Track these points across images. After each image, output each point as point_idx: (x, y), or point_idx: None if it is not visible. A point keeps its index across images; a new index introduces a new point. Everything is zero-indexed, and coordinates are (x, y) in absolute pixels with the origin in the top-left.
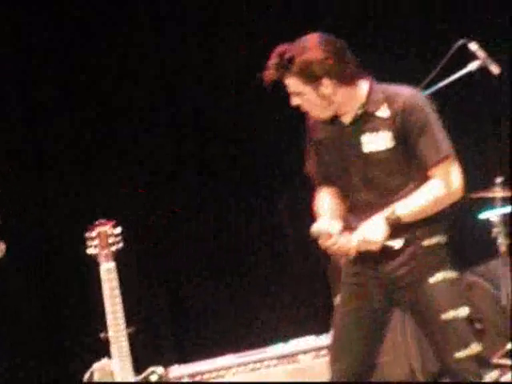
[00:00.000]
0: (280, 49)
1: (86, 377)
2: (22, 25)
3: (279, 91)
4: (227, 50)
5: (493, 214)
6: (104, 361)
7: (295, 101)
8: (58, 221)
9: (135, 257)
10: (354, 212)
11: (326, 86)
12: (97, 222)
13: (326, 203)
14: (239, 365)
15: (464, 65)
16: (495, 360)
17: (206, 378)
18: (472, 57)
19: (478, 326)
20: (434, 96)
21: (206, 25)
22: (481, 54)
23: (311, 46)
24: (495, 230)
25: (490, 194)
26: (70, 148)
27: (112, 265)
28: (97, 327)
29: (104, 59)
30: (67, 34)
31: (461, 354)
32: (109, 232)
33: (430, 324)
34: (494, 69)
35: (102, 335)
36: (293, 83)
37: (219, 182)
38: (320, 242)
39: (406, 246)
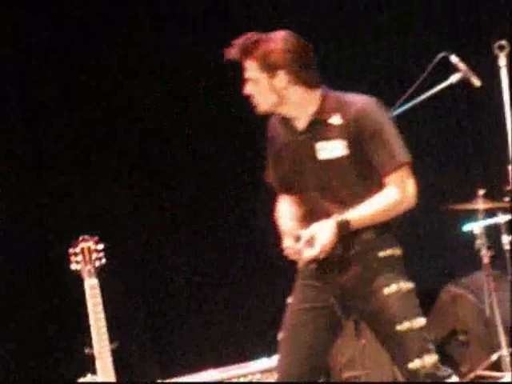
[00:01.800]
0: (250, 33)
1: None
2: (21, 25)
3: None
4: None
5: (476, 226)
6: (89, 376)
7: (248, 88)
8: (42, 236)
9: (117, 273)
10: (311, 219)
11: (280, 79)
12: (80, 238)
13: (286, 211)
14: (223, 380)
15: (445, 78)
16: (479, 372)
17: None
18: (453, 69)
19: (462, 337)
20: (416, 109)
21: (206, 25)
22: (462, 66)
23: (279, 37)
24: (478, 242)
25: (472, 206)
26: (53, 160)
27: (95, 281)
28: (82, 343)
29: (104, 59)
30: (67, 34)
31: (413, 365)
32: (92, 248)
33: (385, 334)
34: (476, 81)
35: (86, 351)
36: (251, 67)
37: (203, 197)
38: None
39: (360, 256)
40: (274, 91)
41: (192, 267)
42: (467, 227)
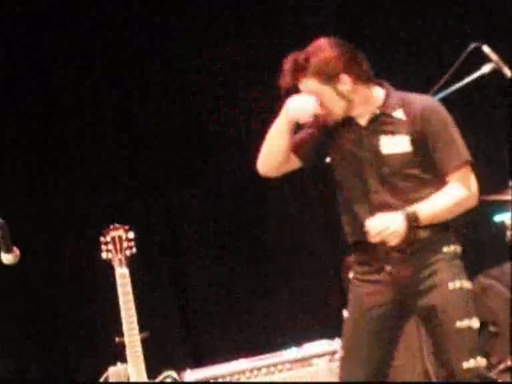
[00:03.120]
0: (292, 54)
1: (101, 381)
2: None
3: None
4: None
5: (507, 217)
6: (119, 365)
7: None
8: (73, 225)
9: (148, 261)
10: (371, 212)
11: (344, 83)
12: (111, 227)
13: None
14: (253, 369)
15: (477, 68)
16: (510, 363)
17: (220, 382)
18: (485, 60)
19: (492, 328)
20: (448, 99)
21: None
22: (494, 56)
23: (324, 46)
24: (509, 233)
25: (504, 197)
26: (84, 151)
27: (126, 270)
28: (112, 331)
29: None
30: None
31: (468, 365)
32: (123, 237)
33: (443, 330)
34: (507, 72)
35: (116, 339)
36: (310, 85)
37: (232, 185)
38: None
39: (421, 252)
40: (342, 96)
41: (224, 256)
42: (498, 218)
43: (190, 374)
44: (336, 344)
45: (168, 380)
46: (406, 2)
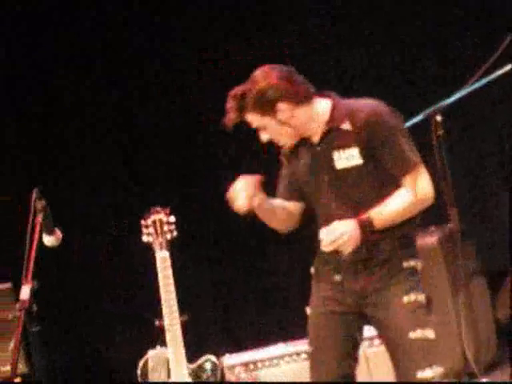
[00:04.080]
0: (233, 91)
1: (141, 364)
2: None
3: None
4: None
5: None
6: (158, 348)
7: (263, 136)
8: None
9: (188, 245)
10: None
11: (282, 111)
12: (152, 210)
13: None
14: (291, 354)
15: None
16: None
17: (259, 366)
18: None
19: None
20: (488, 88)
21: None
22: None
23: (258, 77)
24: None
25: None
26: (84, 151)
27: (166, 253)
28: (152, 315)
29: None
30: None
31: (422, 375)
32: (163, 220)
33: (396, 341)
34: None
35: (156, 323)
36: (253, 119)
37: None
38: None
39: (384, 264)
40: (285, 125)
41: (262, 242)
42: None
43: (229, 358)
44: (372, 331)
45: (207, 363)
46: (405, 3)
